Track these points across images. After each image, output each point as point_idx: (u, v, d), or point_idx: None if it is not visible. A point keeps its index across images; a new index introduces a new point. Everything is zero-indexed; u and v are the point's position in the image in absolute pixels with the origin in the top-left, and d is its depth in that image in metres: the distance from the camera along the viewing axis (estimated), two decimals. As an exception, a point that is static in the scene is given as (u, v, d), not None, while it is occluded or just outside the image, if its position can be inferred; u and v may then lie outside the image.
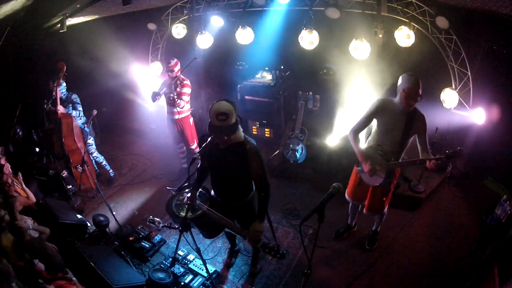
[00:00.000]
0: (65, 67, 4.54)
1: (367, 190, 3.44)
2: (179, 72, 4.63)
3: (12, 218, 3.07)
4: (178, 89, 4.57)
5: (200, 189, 3.13)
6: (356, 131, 3.18)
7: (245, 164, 2.75)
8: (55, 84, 4.49)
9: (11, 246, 2.87)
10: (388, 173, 3.11)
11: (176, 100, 4.49)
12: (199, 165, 3.02)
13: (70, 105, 4.68)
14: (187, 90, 4.63)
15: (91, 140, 5.00)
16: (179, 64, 4.61)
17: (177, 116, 4.78)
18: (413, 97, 2.88)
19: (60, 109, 4.51)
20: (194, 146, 5.11)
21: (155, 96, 4.60)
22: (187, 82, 4.64)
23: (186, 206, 2.92)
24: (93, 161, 5.10)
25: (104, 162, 5.19)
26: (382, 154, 3.09)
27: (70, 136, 4.63)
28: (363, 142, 3.33)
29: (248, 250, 3.89)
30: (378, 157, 3.11)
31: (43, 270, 2.88)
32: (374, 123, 3.17)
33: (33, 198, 3.89)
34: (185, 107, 4.74)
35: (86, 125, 4.81)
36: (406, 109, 2.95)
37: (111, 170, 5.29)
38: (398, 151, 3.08)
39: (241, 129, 2.72)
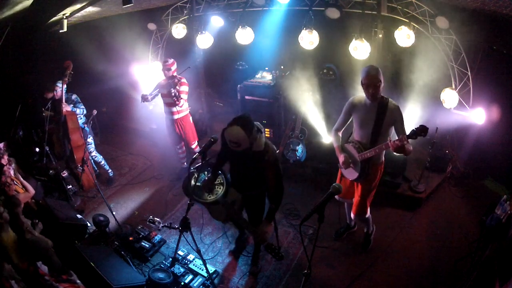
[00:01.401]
0: (71, 66, 4.50)
1: (350, 187, 3.46)
2: (175, 72, 4.64)
3: (14, 216, 3.07)
4: (177, 87, 4.58)
5: (219, 172, 3.26)
6: (336, 129, 3.38)
7: (261, 171, 2.88)
8: (57, 84, 4.49)
9: (12, 245, 2.86)
10: (363, 166, 3.14)
11: (177, 98, 4.50)
12: (219, 152, 3.16)
13: (71, 105, 4.69)
14: (185, 88, 4.64)
15: (90, 140, 5.01)
16: (175, 64, 4.63)
17: (176, 116, 4.77)
18: (372, 85, 2.90)
19: (65, 106, 4.50)
20: (195, 145, 5.11)
21: (143, 98, 4.65)
22: (184, 80, 4.65)
23: (203, 189, 3.16)
24: (92, 160, 5.10)
25: (103, 162, 5.19)
26: (356, 147, 3.14)
27: (77, 132, 4.63)
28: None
29: (248, 250, 3.89)
30: (353, 150, 3.18)
31: (47, 273, 2.87)
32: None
33: (32, 190, 3.89)
34: (184, 106, 4.75)
35: (86, 125, 4.81)
36: (373, 101, 2.98)
37: (110, 170, 5.29)
38: (373, 144, 3.08)
39: (263, 137, 2.78)
